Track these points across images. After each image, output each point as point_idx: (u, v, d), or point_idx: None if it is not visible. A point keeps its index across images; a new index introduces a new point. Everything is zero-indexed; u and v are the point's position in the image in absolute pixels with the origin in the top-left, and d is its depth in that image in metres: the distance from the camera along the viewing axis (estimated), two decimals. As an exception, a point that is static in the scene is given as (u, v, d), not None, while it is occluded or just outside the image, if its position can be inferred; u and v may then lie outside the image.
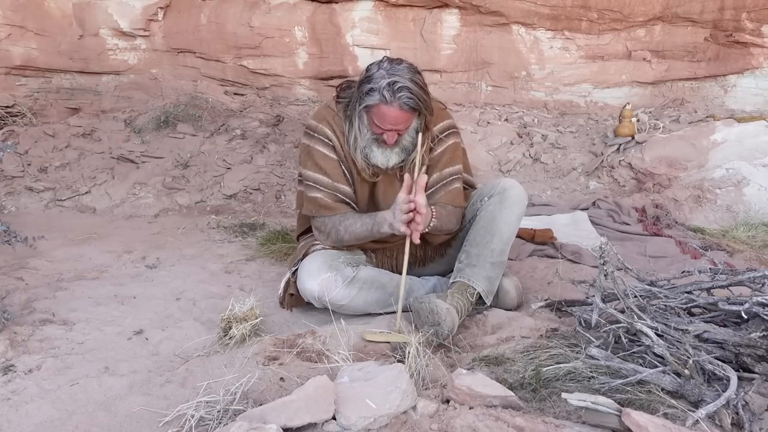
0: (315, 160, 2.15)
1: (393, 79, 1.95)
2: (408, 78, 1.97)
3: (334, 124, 2.14)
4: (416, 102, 1.97)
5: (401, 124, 2.02)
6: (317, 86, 5.15)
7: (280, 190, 4.15)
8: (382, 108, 1.98)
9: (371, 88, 1.98)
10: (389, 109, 1.97)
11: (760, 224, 3.21)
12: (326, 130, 2.14)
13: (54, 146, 4.53)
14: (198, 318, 2.27)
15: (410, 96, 1.96)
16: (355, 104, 2.06)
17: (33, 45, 4.94)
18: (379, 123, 2.02)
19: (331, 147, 2.14)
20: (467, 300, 2.06)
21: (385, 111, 1.98)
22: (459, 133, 2.29)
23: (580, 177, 4.22)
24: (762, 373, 1.52)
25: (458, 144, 2.27)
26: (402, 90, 1.95)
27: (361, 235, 2.12)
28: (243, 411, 1.44)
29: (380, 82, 1.96)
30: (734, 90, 4.68)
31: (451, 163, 2.22)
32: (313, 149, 2.15)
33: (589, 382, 1.51)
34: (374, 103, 1.98)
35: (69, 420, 1.58)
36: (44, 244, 2.68)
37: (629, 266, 1.93)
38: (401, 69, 1.99)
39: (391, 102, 1.96)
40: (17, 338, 2.02)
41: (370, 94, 1.98)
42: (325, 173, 2.14)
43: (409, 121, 2.04)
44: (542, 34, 4.81)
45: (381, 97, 1.96)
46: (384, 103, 1.97)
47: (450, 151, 2.23)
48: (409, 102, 1.96)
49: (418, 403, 1.39)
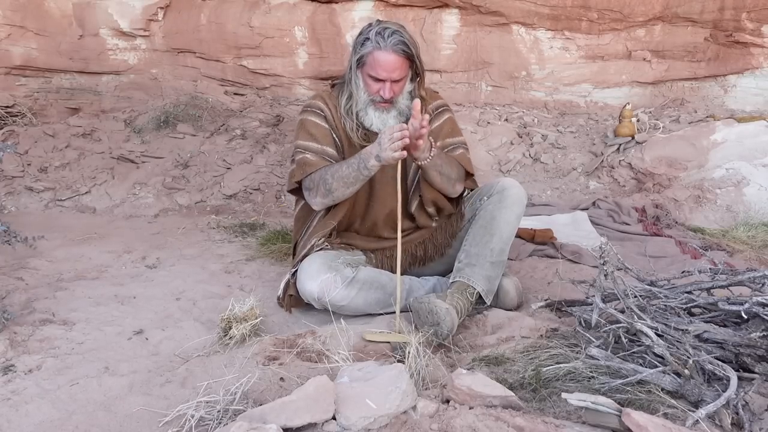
0: (306, 129, 2.20)
1: (383, 26, 2.07)
2: (398, 27, 2.08)
3: (327, 99, 2.22)
4: (407, 46, 2.06)
5: (396, 71, 2.07)
6: (317, 86, 5.14)
7: (280, 190, 4.15)
8: (375, 54, 2.05)
9: (364, 39, 2.08)
10: (382, 53, 2.04)
11: (760, 224, 3.21)
12: (319, 103, 2.22)
13: (54, 146, 4.53)
14: (198, 318, 2.27)
15: (401, 39, 2.05)
16: (349, 67, 2.14)
17: (33, 45, 4.94)
18: (373, 73, 2.07)
19: (323, 117, 2.20)
20: (467, 300, 2.06)
21: (378, 56, 2.04)
22: (452, 111, 2.36)
23: (580, 177, 4.22)
24: (762, 373, 1.52)
25: (453, 119, 2.34)
26: (393, 34, 2.04)
27: (349, 176, 2.06)
28: (243, 411, 1.44)
29: (371, 31, 2.07)
30: (734, 90, 4.67)
31: (453, 135, 2.29)
32: (306, 120, 2.21)
33: (589, 382, 1.51)
34: (367, 51, 2.06)
35: (69, 420, 1.57)
36: (44, 244, 2.68)
37: (629, 266, 1.93)
38: (391, 23, 2.12)
39: (384, 47, 2.04)
40: (17, 338, 2.02)
41: (363, 44, 2.07)
42: (315, 138, 2.18)
43: (403, 69, 2.09)
44: (542, 34, 4.81)
45: (374, 44, 2.05)
46: (377, 49, 2.05)
47: (449, 124, 2.30)
48: (400, 45, 2.04)
49: (418, 403, 1.39)
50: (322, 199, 2.13)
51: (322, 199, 2.13)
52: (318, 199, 2.14)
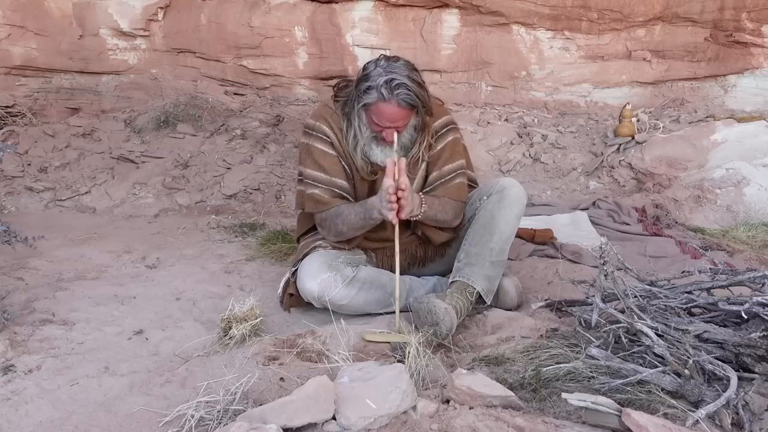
0: (314, 158, 2.16)
1: (390, 76, 1.97)
2: (405, 75, 1.99)
3: (332, 122, 2.16)
4: (414, 99, 1.99)
5: (400, 121, 2.04)
6: (317, 86, 5.15)
7: (280, 190, 4.15)
8: (380, 106, 2.00)
9: (369, 86, 2.00)
10: (387, 106, 1.99)
11: (760, 224, 3.21)
12: (324, 128, 2.16)
13: (54, 146, 4.53)
14: (198, 318, 2.27)
15: (408, 93, 1.97)
16: (353, 103, 2.08)
17: (33, 45, 4.94)
18: (377, 121, 2.04)
19: (329, 144, 2.16)
20: (467, 299, 2.06)
21: (383, 108, 2.00)
22: (458, 129, 2.30)
23: (580, 177, 4.22)
24: (762, 373, 1.52)
25: (458, 140, 2.28)
26: (399, 87, 1.96)
27: (357, 224, 2.12)
28: (243, 411, 1.43)
29: (378, 80, 1.98)
30: (734, 90, 4.67)
31: (452, 160, 2.23)
32: (312, 147, 2.17)
33: (589, 382, 1.51)
34: (372, 101, 2.00)
35: (69, 420, 1.57)
36: (44, 244, 2.67)
37: (629, 266, 1.93)
38: (398, 66, 2.01)
39: (389, 99, 1.97)
40: (17, 338, 2.02)
41: (368, 92, 2.00)
42: (324, 170, 2.15)
43: (408, 118, 2.05)
44: (542, 34, 4.81)
45: (379, 95, 1.98)
46: (382, 101, 1.99)
47: (449, 147, 2.23)
48: (406, 99, 1.98)
49: (418, 403, 1.39)
50: (334, 237, 2.20)
51: (335, 237, 2.20)
52: (331, 237, 2.21)
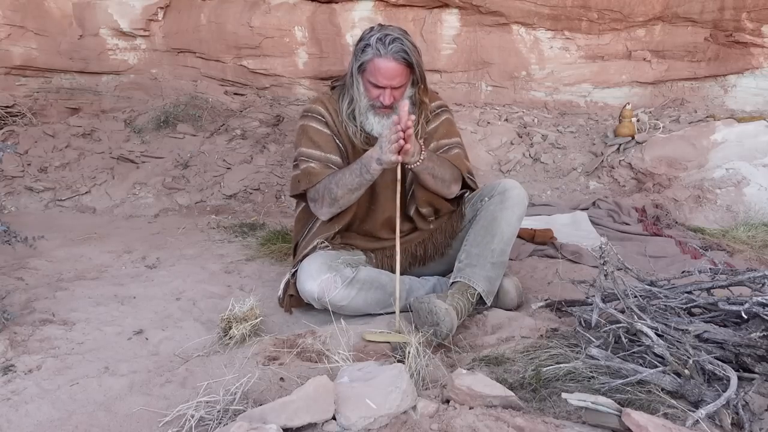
0: (309, 136, 2.19)
1: (384, 32, 2.05)
2: (399, 33, 2.06)
3: (327, 104, 2.22)
4: (408, 54, 2.04)
5: (396, 78, 2.07)
6: (317, 86, 5.15)
7: (280, 190, 4.15)
8: (376, 61, 2.04)
9: (365, 45, 2.07)
10: (382, 60, 2.03)
11: (760, 224, 3.21)
12: (319, 108, 2.21)
13: (54, 146, 4.53)
14: (198, 318, 2.27)
15: (402, 46, 2.03)
16: (350, 69, 2.13)
17: (33, 45, 4.94)
18: (374, 80, 2.07)
19: (324, 123, 2.20)
20: (467, 300, 2.06)
21: (379, 63, 2.04)
22: (451, 111, 2.36)
23: (580, 177, 4.22)
24: (762, 373, 1.52)
25: (451, 120, 2.34)
26: (394, 42, 2.03)
27: (353, 183, 2.08)
28: (243, 411, 1.43)
29: (372, 38, 2.05)
30: (734, 90, 4.67)
31: (448, 136, 2.28)
32: (307, 126, 2.21)
33: (589, 382, 1.51)
34: (368, 59, 2.05)
35: (69, 420, 1.57)
36: (44, 244, 2.67)
37: (629, 266, 1.93)
38: (392, 28, 2.09)
39: (384, 54, 2.03)
40: (17, 338, 2.02)
41: (364, 51, 2.06)
42: (318, 146, 2.18)
43: (404, 76, 2.09)
44: (542, 34, 4.81)
45: (375, 51, 2.04)
46: (377, 56, 2.04)
47: (445, 125, 2.30)
48: (401, 53, 2.03)
49: (418, 403, 1.39)
50: (328, 208, 2.15)
51: (329, 209, 2.15)
52: (324, 209, 2.16)
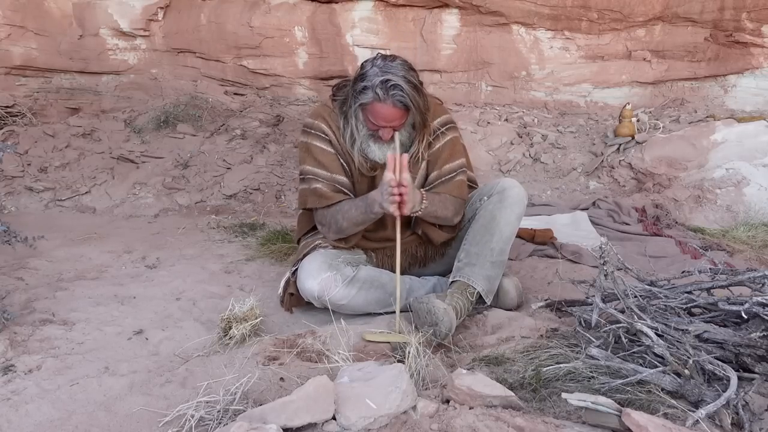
0: (313, 155, 2.17)
1: (386, 77, 1.98)
2: (401, 76, 1.99)
3: (329, 120, 2.18)
4: (409, 100, 2.00)
5: (395, 120, 2.05)
6: (317, 86, 5.15)
7: (280, 190, 4.15)
8: (376, 106, 2.01)
9: (365, 86, 2.01)
10: (382, 106, 2.00)
11: (760, 224, 3.21)
12: (322, 126, 2.18)
13: (54, 146, 4.53)
14: (198, 318, 2.27)
15: (403, 94, 1.99)
16: (350, 102, 2.09)
17: (33, 45, 4.94)
18: (373, 120, 2.05)
19: (327, 141, 2.17)
20: (467, 299, 2.06)
21: (379, 109, 2.01)
22: (457, 128, 2.31)
23: (580, 177, 4.22)
24: (762, 373, 1.52)
25: (457, 139, 2.28)
26: (395, 88, 1.98)
27: (358, 219, 2.12)
28: (243, 411, 1.43)
29: (374, 80, 1.99)
30: (734, 90, 4.67)
31: (451, 159, 2.23)
32: (311, 145, 2.18)
33: (589, 382, 1.51)
34: (368, 101, 2.02)
35: (69, 420, 1.57)
36: (44, 244, 2.67)
37: (629, 266, 1.93)
38: (395, 66, 2.02)
39: (384, 100, 1.99)
40: (17, 338, 2.02)
41: (364, 92, 2.02)
42: (324, 166, 2.16)
43: (403, 118, 2.06)
44: (542, 34, 4.81)
45: (374, 95, 1.99)
46: (377, 101, 2.00)
47: (449, 147, 2.24)
48: (402, 100, 1.99)
49: (418, 403, 1.39)
50: (335, 234, 2.19)
51: (335, 235, 2.19)
52: (331, 234, 2.20)
